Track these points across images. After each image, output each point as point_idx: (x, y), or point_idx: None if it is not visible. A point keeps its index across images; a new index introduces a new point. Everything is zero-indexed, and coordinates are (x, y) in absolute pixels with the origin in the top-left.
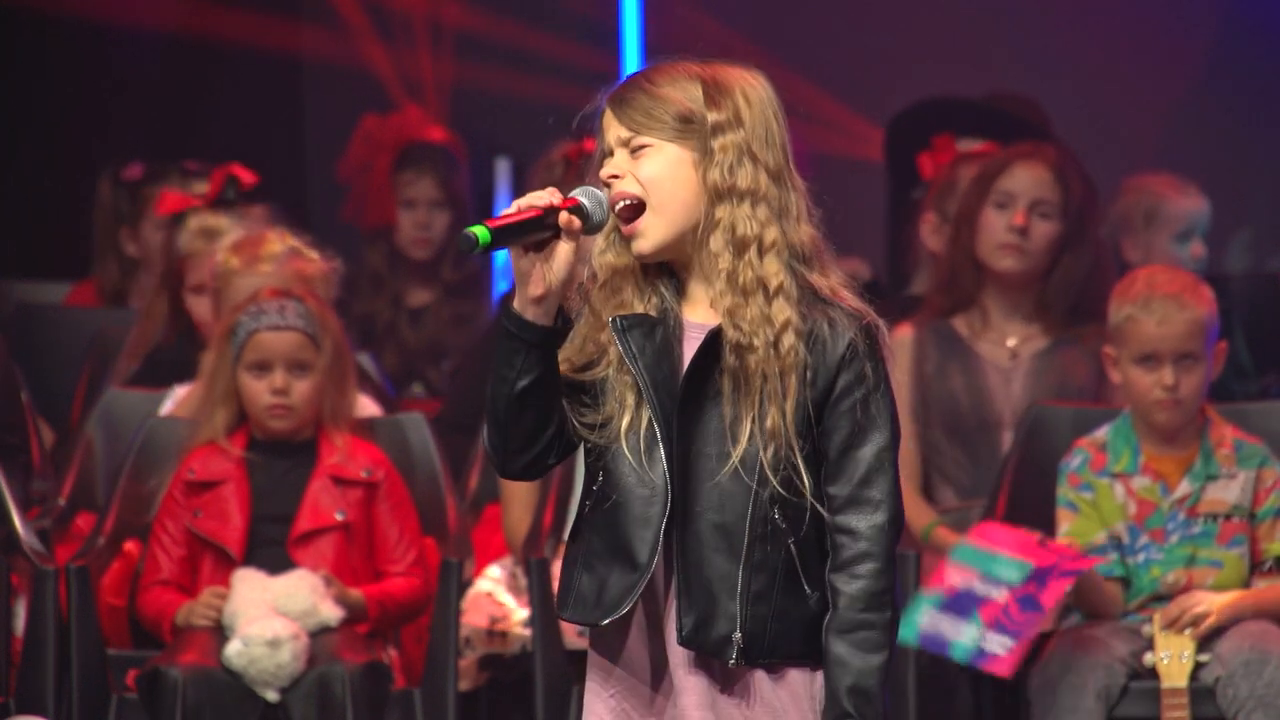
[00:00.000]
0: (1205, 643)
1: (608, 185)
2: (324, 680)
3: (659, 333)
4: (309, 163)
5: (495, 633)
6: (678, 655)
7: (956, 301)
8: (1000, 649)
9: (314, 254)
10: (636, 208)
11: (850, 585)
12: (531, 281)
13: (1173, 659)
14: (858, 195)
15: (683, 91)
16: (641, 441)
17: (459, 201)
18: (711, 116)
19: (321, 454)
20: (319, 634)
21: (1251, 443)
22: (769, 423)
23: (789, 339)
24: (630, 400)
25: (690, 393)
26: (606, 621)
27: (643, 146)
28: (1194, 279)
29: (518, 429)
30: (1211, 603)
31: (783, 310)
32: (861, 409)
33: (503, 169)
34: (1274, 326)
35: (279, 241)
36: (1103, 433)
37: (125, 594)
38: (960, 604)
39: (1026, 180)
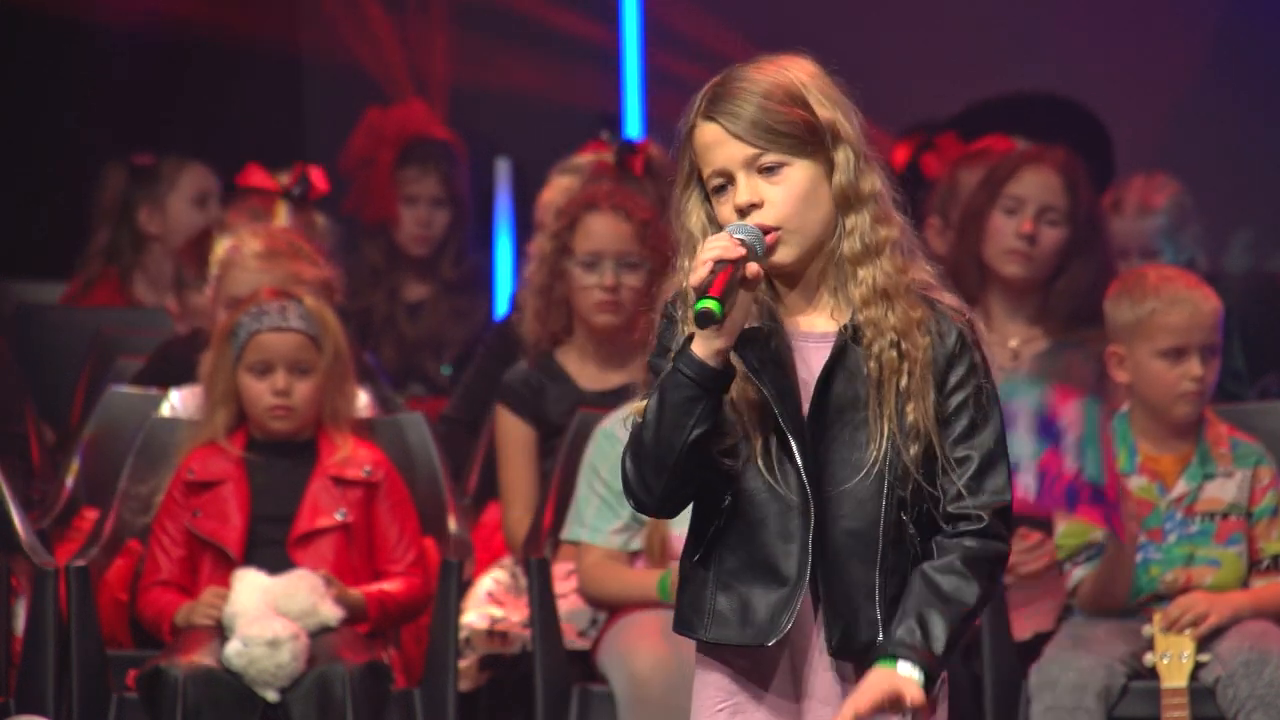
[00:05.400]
0: (1205, 643)
1: (740, 211)
2: (324, 680)
3: (772, 344)
4: (308, 160)
5: (495, 633)
6: (818, 665)
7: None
8: None
9: (319, 260)
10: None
11: (963, 544)
12: (726, 332)
13: (1173, 659)
14: None
15: (796, 100)
16: (774, 456)
17: (460, 200)
18: (830, 125)
19: (321, 454)
20: (319, 634)
21: (1247, 441)
22: (910, 419)
23: (924, 337)
24: (756, 416)
25: (819, 401)
26: (772, 643)
27: (774, 166)
28: (1198, 276)
29: (687, 475)
30: (1211, 603)
31: (915, 307)
32: (975, 401)
33: (503, 169)
34: (1273, 326)
35: (283, 240)
36: None
37: (130, 589)
38: None
39: (1035, 185)
